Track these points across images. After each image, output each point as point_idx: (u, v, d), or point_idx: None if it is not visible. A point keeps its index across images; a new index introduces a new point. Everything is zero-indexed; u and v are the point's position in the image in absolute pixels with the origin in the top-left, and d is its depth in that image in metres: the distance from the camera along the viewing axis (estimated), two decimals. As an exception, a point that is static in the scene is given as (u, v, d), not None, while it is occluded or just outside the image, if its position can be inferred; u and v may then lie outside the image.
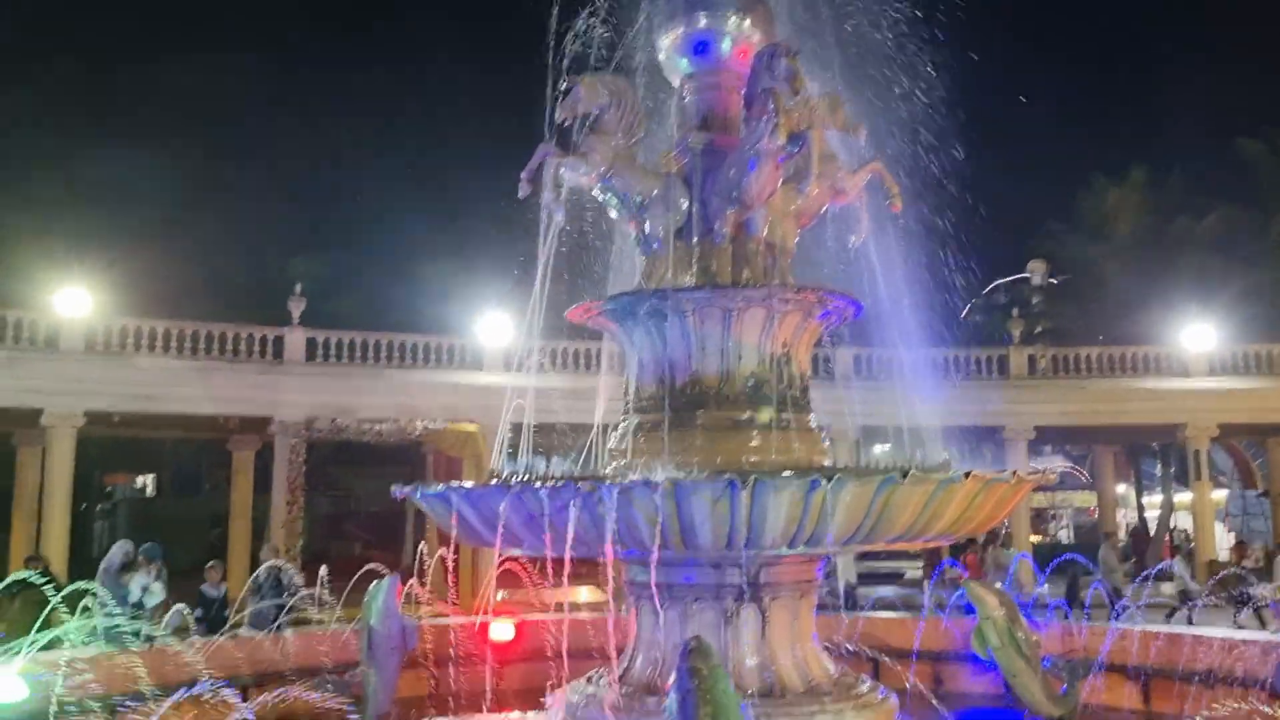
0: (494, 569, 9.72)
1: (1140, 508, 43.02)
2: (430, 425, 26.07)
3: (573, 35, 9.38)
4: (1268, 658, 9.80)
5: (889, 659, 11.10)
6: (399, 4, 54.81)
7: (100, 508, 42.36)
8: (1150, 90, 53.28)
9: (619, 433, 9.01)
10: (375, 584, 10.06)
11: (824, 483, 6.97)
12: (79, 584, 9.84)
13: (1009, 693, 9.87)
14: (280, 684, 9.55)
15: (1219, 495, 37.49)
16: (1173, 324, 29.63)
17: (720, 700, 4.98)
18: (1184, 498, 36.19)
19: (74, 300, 23.92)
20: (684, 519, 7.06)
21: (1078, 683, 9.92)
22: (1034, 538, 37.06)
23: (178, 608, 12.14)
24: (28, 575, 10.79)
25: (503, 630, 11.76)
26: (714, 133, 9.41)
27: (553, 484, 7.46)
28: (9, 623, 11.89)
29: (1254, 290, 32.39)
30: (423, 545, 16.26)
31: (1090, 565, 18.29)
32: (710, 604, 8.27)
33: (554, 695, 8.63)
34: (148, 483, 47.87)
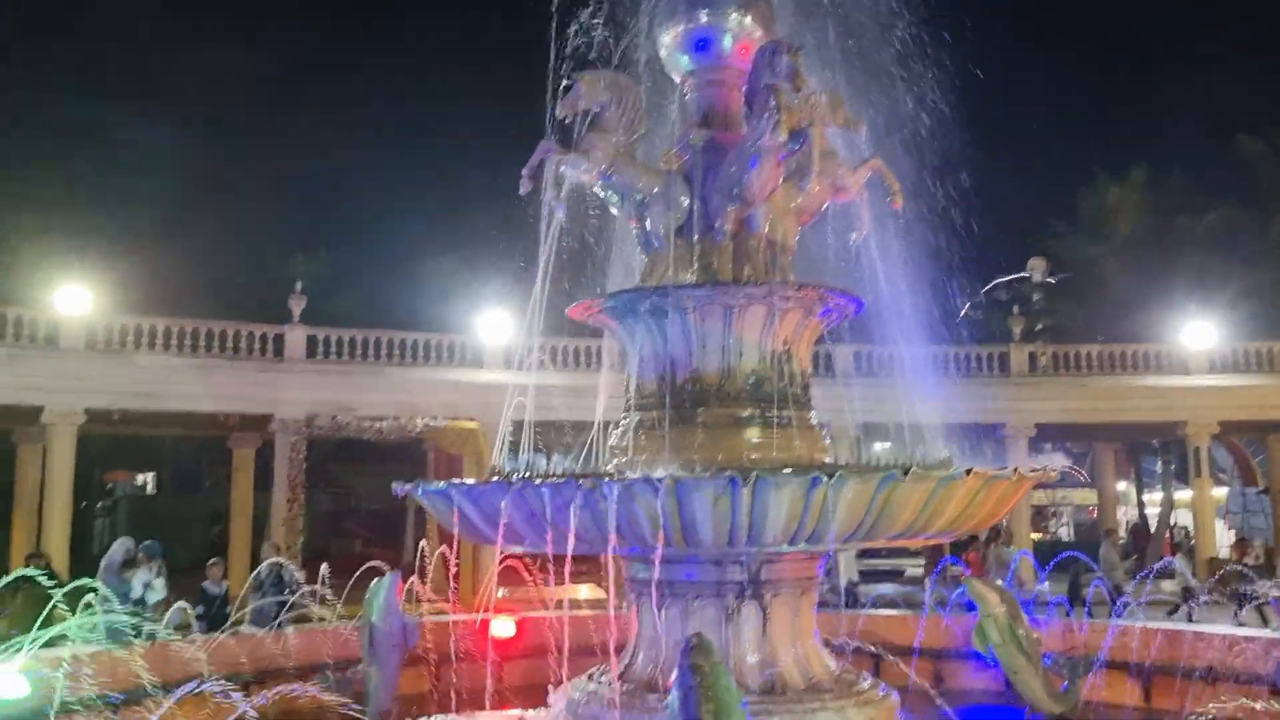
0: (495, 566, 9.72)
1: (1141, 505, 43.03)
2: (431, 423, 26.06)
3: (574, 32, 9.38)
4: (1269, 655, 9.81)
5: (890, 656, 11.10)
6: (400, 2, 54.84)
7: (101, 505, 42.35)
8: (1151, 89, 53.40)
9: (620, 430, 9.01)
10: (376, 581, 10.08)
11: (825, 480, 6.96)
12: (81, 581, 9.84)
13: (1010, 690, 9.89)
14: (282, 681, 9.55)
15: (1219, 493, 37.45)
16: (1173, 322, 29.62)
17: (722, 697, 4.99)
18: (1184, 495, 36.19)
19: (74, 298, 23.91)
20: (685, 516, 7.06)
21: (1079, 680, 9.93)
22: (1034, 535, 37.04)
23: (179, 605, 12.15)
24: (30, 572, 10.78)
25: (504, 627, 11.77)
26: (715, 129, 9.40)
27: (554, 481, 7.46)
28: (11, 619, 11.89)
29: (1254, 288, 32.41)
30: (423, 543, 16.26)
31: (1091, 563, 18.30)
32: (711, 601, 8.27)
33: (556, 692, 8.64)
34: (148, 480, 47.90)
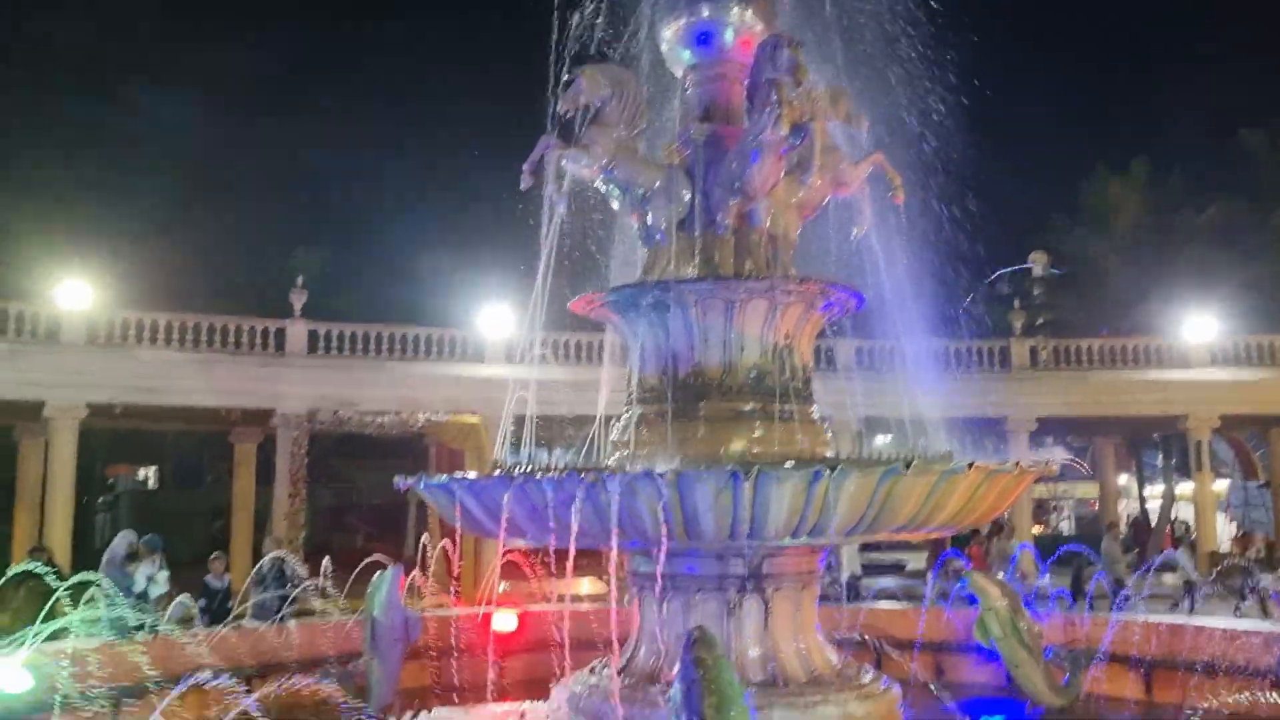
0: (497, 560, 9.72)
1: (1141, 499, 43.04)
2: (432, 417, 26.07)
3: (574, 28, 9.37)
4: (1270, 648, 9.82)
5: (891, 649, 11.11)
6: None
7: (102, 500, 42.38)
8: (1152, 83, 53.33)
9: (621, 424, 9.01)
10: (378, 575, 10.09)
11: (827, 474, 6.97)
12: (83, 576, 9.85)
13: (1011, 683, 9.90)
14: (284, 675, 9.55)
15: (1220, 486, 37.48)
16: (1174, 316, 29.62)
17: (724, 690, 4.99)
18: (1185, 489, 36.20)
19: (75, 293, 23.93)
20: (687, 510, 7.07)
21: (1080, 673, 9.94)
22: (1035, 529, 37.07)
23: (181, 599, 12.15)
24: (32, 566, 10.80)
25: (505, 621, 11.79)
26: (716, 124, 9.40)
27: (556, 475, 7.47)
28: (13, 614, 11.90)
29: (1255, 282, 32.39)
30: (425, 537, 16.27)
31: (1093, 556, 18.31)
32: (713, 595, 8.29)
33: (558, 686, 8.65)
34: (150, 475, 47.94)
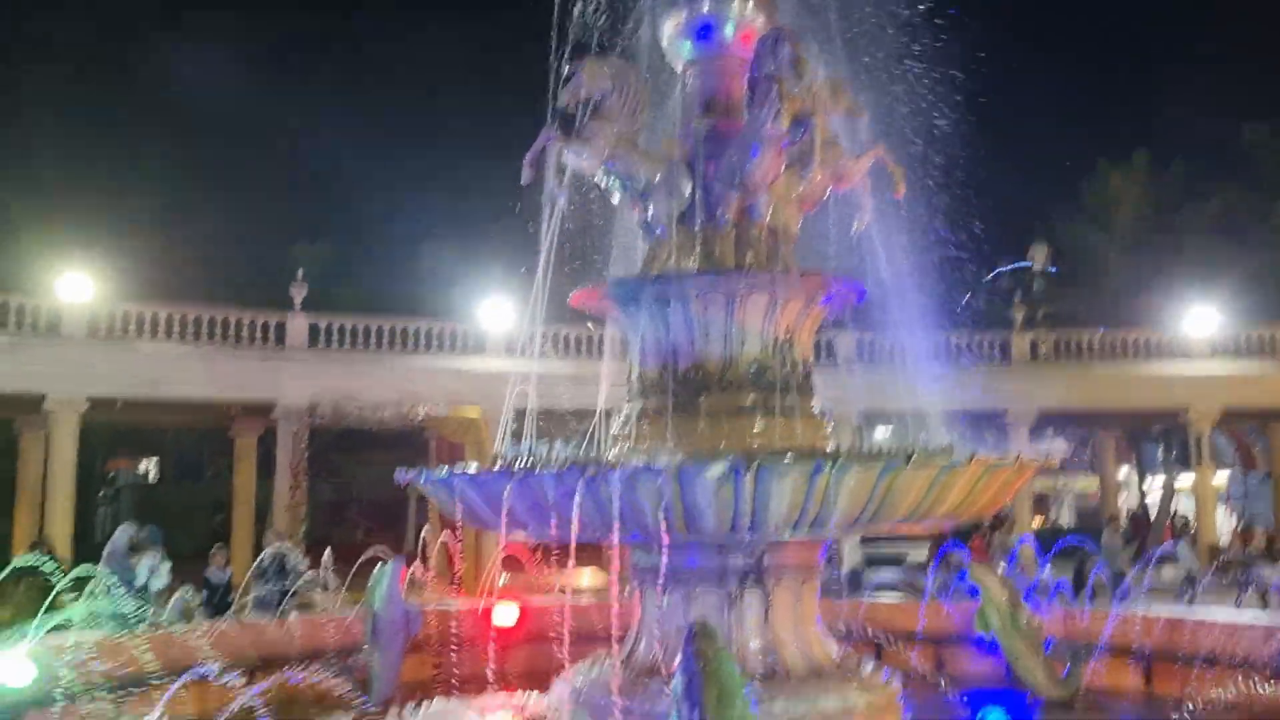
0: (498, 554, 9.75)
1: (1141, 492, 43.06)
2: (432, 411, 26.08)
3: (576, 19, 9.35)
4: (1269, 640, 9.83)
5: (892, 642, 11.13)
6: (400, -12, 54.64)
7: (103, 494, 42.40)
8: (1153, 76, 53.09)
9: (622, 418, 9.02)
10: (379, 569, 10.11)
11: (828, 467, 6.98)
12: (84, 569, 9.87)
13: (1011, 675, 9.92)
14: (285, 668, 9.57)
15: (1220, 479, 37.47)
16: (1175, 308, 29.56)
17: (725, 683, 5.00)
18: (1185, 482, 36.20)
19: (76, 285, 23.92)
20: (688, 503, 7.07)
21: (1080, 665, 9.96)
22: (1036, 522, 37.08)
23: (182, 592, 12.17)
24: (33, 560, 10.81)
25: (506, 614, 11.80)
26: (717, 118, 9.39)
27: (557, 469, 7.47)
28: (15, 607, 11.93)
29: (1257, 274, 32.29)
30: (425, 530, 16.29)
31: (1093, 549, 18.31)
32: (714, 588, 8.30)
33: (559, 678, 8.67)
34: (150, 469, 47.96)
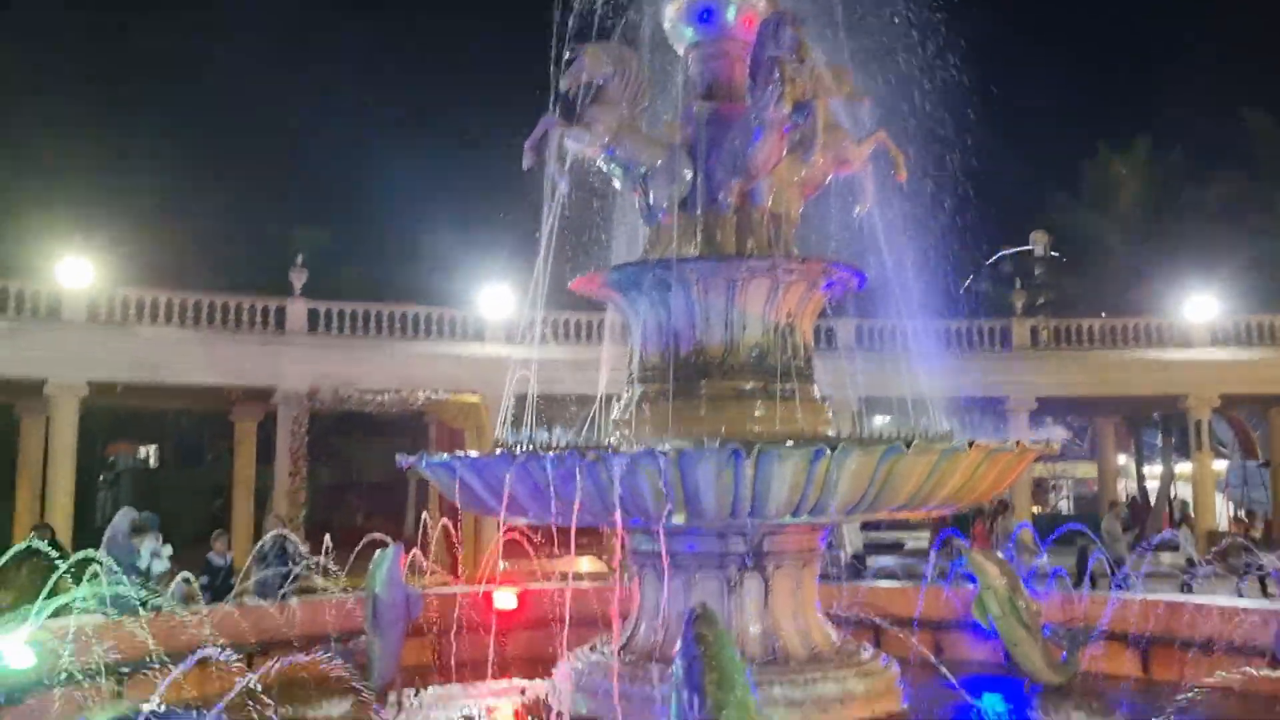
0: (498, 539, 9.76)
1: (1140, 478, 43.10)
2: (433, 396, 26.07)
3: (577, 4, 9.32)
4: (1267, 625, 9.85)
5: (891, 627, 11.15)
6: (401, -27, 54.42)
7: (103, 478, 42.42)
8: (1154, 61, 53.00)
9: (623, 403, 9.03)
10: (380, 553, 10.11)
11: (828, 452, 6.99)
12: (86, 553, 9.88)
13: (1009, 661, 9.94)
14: (286, 651, 9.59)
15: (1219, 466, 37.48)
16: (1175, 295, 29.55)
17: (726, 667, 5.00)
18: (1183, 468, 36.23)
19: (76, 270, 23.89)
20: (688, 488, 7.09)
21: (1078, 650, 9.98)
22: (1034, 508, 37.12)
23: (183, 576, 12.18)
24: (34, 544, 10.81)
25: (506, 599, 11.82)
26: (719, 102, 9.37)
27: (558, 454, 7.48)
28: (16, 591, 11.94)
29: (1258, 261, 32.20)
30: (425, 515, 16.30)
31: (1093, 536, 18.32)
32: (714, 572, 8.33)
33: (561, 663, 8.69)
34: (150, 453, 47.97)
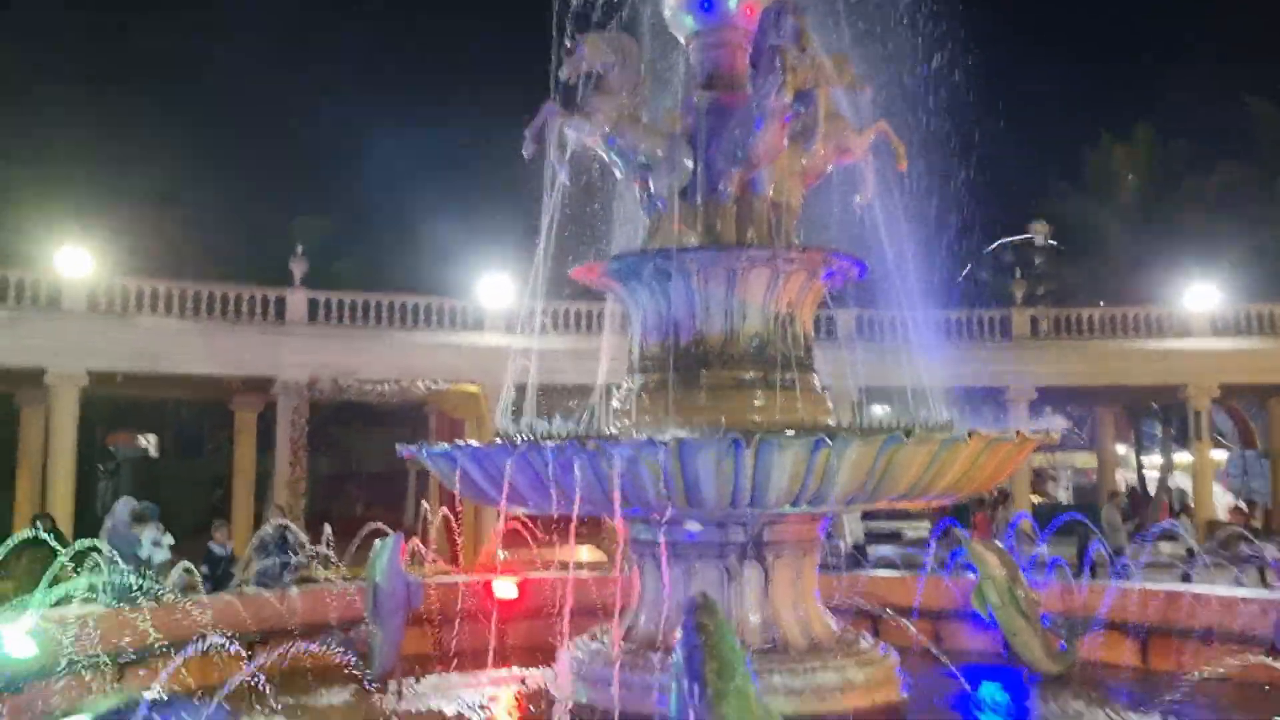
0: (498, 528, 9.77)
1: (1139, 468, 43.14)
2: (432, 386, 26.12)
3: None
4: (1267, 615, 9.86)
5: (890, 616, 11.16)
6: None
7: (103, 468, 42.44)
8: (1156, 49, 52.89)
9: (623, 393, 9.03)
10: (380, 542, 10.12)
11: (828, 442, 6.99)
12: (87, 542, 9.88)
13: (1008, 650, 9.96)
14: (286, 640, 9.61)
15: (1218, 456, 37.52)
16: (1176, 284, 29.54)
17: (726, 656, 5.01)
18: (1182, 459, 36.25)
19: (76, 260, 23.92)
20: (689, 478, 7.09)
21: (1076, 640, 10.00)
22: (1034, 498, 37.16)
23: (184, 565, 12.20)
24: (35, 533, 10.83)
25: (506, 588, 11.84)
26: (720, 91, 9.34)
27: (558, 443, 7.49)
28: (17, 580, 11.96)
29: (1259, 250, 32.16)
30: (424, 505, 16.34)
31: (1093, 526, 18.35)
32: (714, 562, 8.34)
33: (562, 652, 8.71)
34: (150, 443, 47.99)
